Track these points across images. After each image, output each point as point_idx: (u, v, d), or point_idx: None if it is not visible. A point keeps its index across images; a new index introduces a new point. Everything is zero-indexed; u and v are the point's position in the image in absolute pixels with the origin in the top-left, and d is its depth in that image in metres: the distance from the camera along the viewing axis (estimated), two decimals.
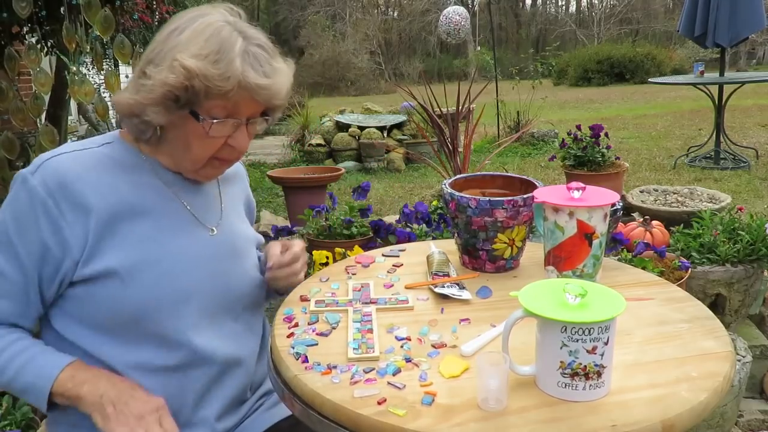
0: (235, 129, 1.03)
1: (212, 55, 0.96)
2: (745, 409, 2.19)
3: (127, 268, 1.00)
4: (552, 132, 8.16)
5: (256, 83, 0.98)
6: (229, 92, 0.97)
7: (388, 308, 1.10)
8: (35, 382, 0.98)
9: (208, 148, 1.04)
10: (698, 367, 0.87)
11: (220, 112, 1.00)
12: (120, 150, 1.08)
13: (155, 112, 0.99)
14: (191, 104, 0.99)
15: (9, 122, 2.44)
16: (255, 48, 1.00)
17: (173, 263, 1.03)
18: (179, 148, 1.05)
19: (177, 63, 0.95)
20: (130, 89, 1.02)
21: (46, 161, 1.00)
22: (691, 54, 18.96)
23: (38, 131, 2.41)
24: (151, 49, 1.01)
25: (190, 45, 0.97)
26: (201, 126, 1.00)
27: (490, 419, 0.77)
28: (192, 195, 1.11)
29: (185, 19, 1.02)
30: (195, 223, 1.10)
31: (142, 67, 1.01)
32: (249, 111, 1.03)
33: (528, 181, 1.29)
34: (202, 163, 1.06)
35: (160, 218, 1.05)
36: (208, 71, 0.95)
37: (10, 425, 1.69)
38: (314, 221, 2.74)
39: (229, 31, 0.98)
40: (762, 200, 4.84)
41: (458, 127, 3.85)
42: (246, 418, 1.18)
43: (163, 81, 0.96)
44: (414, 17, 27.59)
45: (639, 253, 2.22)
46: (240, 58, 0.97)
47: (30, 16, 2.25)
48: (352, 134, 7.51)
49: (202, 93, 0.97)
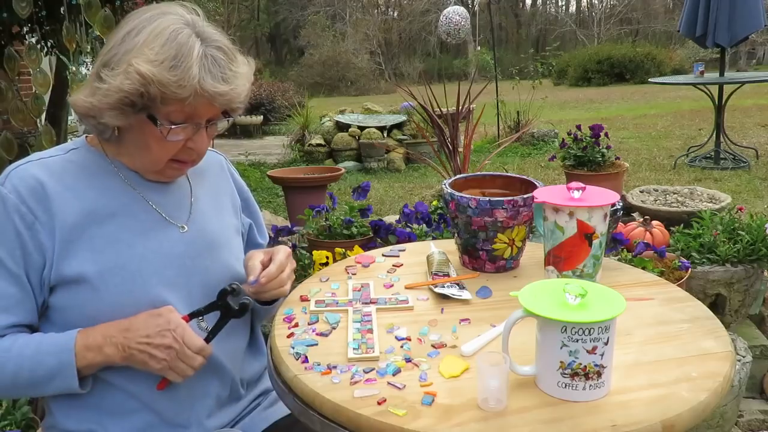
0: (194, 132, 1.03)
1: (168, 61, 0.94)
2: (745, 409, 2.19)
3: (96, 273, 1.00)
4: (552, 132, 8.16)
5: (214, 90, 0.97)
6: (186, 98, 0.96)
7: (388, 308, 1.10)
8: (59, 359, 0.97)
9: (167, 151, 1.03)
10: (698, 367, 0.87)
11: (179, 116, 0.99)
12: (85, 155, 1.08)
13: (111, 116, 0.98)
14: (148, 109, 0.98)
15: (9, 122, 2.44)
16: (213, 51, 0.98)
17: (143, 265, 1.03)
18: (138, 149, 1.05)
19: (132, 69, 0.93)
20: (86, 91, 1.01)
21: (13, 170, 1.01)
22: (691, 54, 18.96)
23: (38, 131, 2.41)
24: (107, 50, 0.99)
25: (145, 49, 0.94)
26: (158, 130, 0.99)
27: (490, 419, 0.77)
28: (159, 194, 1.11)
29: (142, 18, 0.99)
30: (163, 223, 1.09)
31: (98, 69, 0.99)
32: (208, 114, 1.03)
33: (528, 181, 1.29)
34: (162, 164, 1.05)
35: (126, 220, 1.05)
36: (164, 77, 0.93)
37: (10, 425, 1.69)
38: (314, 221, 2.74)
39: (187, 35, 0.96)
40: (762, 200, 4.84)
41: (458, 127, 3.85)
42: (244, 417, 1.19)
43: (118, 87, 0.95)
44: (414, 17, 27.59)
45: (639, 253, 2.22)
46: (197, 65, 0.95)
47: (30, 16, 2.25)
48: (352, 134, 7.51)
49: (158, 99, 0.96)
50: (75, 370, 0.98)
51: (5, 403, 1.75)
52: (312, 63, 22.09)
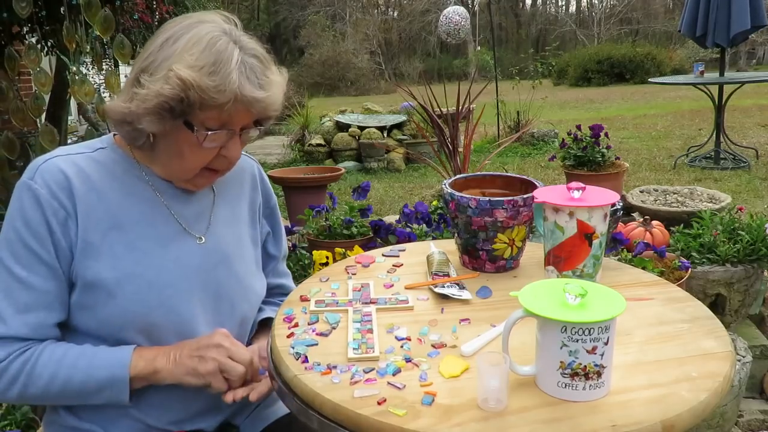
0: (228, 139, 1.02)
1: (208, 67, 0.94)
2: (745, 409, 2.19)
3: (113, 279, 1.00)
4: (552, 132, 8.16)
5: (252, 96, 0.97)
6: (225, 104, 0.96)
7: (388, 308, 1.10)
8: (112, 373, 0.99)
9: (202, 158, 1.03)
10: (698, 367, 0.87)
11: (214, 123, 0.99)
12: (112, 156, 1.07)
13: (149, 121, 0.97)
14: (185, 114, 0.97)
15: (9, 122, 2.44)
16: (251, 59, 0.99)
17: (160, 275, 1.03)
18: (172, 157, 1.04)
19: (173, 74, 0.93)
20: (123, 97, 1.01)
21: (42, 165, 1.00)
22: (691, 54, 18.96)
23: (38, 131, 2.41)
24: (145, 57, 0.99)
25: (185, 55, 0.95)
26: (195, 136, 0.99)
27: (490, 419, 0.77)
28: (182, 204, 1.10)
29: (179, 26, 0.99)
30: (183, 233, 1.09)
31: (136, 74, 0.99)
32: (243, 121, 1.03)
33: (528, 181, 1.29)
34: (194, 172, 1.05)
35: (147, 229, 1.05)
36: (203, 83, 0.94)
37: (10, 425, 1.69)
38: (314, 221, 2.75)
39: (226, 42, 0.97)
40: (762, 200, 4.84)
41: (458, 127, 3.85)
42: (244, 416, 1.19)
43: (158, 91, 0.94)
44: (414, 17, 27.59)
45: (639, 253, 2.22)
46: (237, 71, 0.96)
47: (30, 16, 2.25)
48: (352, 134, 7.51)
49: (197, 104, 0.96)
50: (127, 384, 0.99)
51: (5, 403, 1.75)
52: (312, 63, 22.09)
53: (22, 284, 0.97)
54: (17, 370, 0.97)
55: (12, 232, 0.98)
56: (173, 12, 4.23)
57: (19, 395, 0.98)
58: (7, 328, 0.96)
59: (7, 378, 0.97)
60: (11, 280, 0.97)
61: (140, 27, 3.80)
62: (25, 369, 0.97)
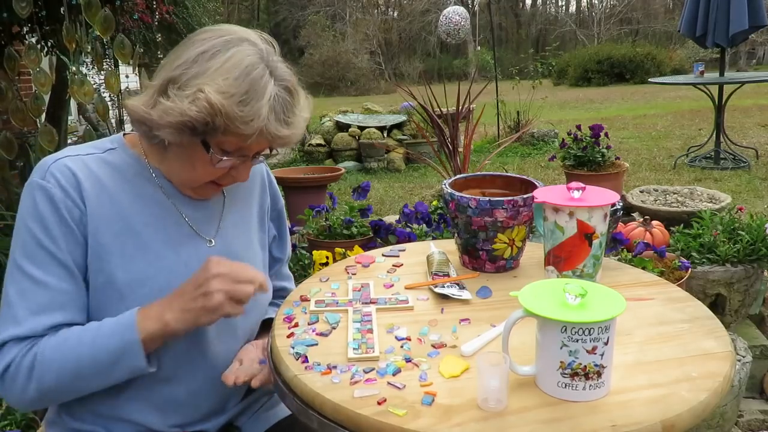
0: (240, 163, 1.02)
1: (239, 96, 0.92)
2: (745, 409, 2.19)
3: (124, 282, 0.99)
4: (552, 132, 8.16)
5: (277, 134, 0.96)
6: (249, 136, 0.95)
7: (388, 308, 1.10)
8: (122, 338, 0.94)
9: (210, 174, 1.02)
10: (698, 367, 0.87)
11: (231, 147, 0.98)
12: (123, 157, 1.06)
13: (167, 133, 0.95)
14: (206, 135, 0.96)
15: (9, 122, 2.44)
16: (282, 92, 0.97)
17: (170, 278, 1.02)
18: (182, 165, 1.03)
19: (203, 96, 0.91)
20: (145, 99, 0.98)
21: (52, 164, 0.99)
22: (691, 54, 18.97)
23: (38, 131, 2.41)
24: (176, 66, 0.96)
25: (219, 78, 0.92)
26: (209, 157, 0.98)
27: (490, 419, 0.77)
28: (193, 207, 1.10)
29: (217, 42, 0.96)
30: (193, 237, 1.08)
31: (163, 82, 0.96)
32: (258, 149, 1.03)
33: (528, 181, 1.29)
34: (200, 184, 1.05)
35: (158, 231, 1.04)
36: (232, 112, 0.91)
37: (10, 425, 1.69)
38: (314, 221, 2.75)
39: (262, 71, 0.94)
40: (762, 200, 4.84)
41: (458, 127, 3.85)
42: (246, 417, 1.19)
43: (183, 110, 0.92)
44: (414, 17, 27.59)
45: (639, 253, 2.22)
46: (267, 106, 0.94)
47: (30, 16, 2.25)
48: (352, 134, 7.51)
49: (220, 129, 0.94)
50: (140, 345, 0.94)
51: (5, 403, 1.75)
52: (312, 63, 22.08)
53: (38, 284, 0.95)
54: (29, 365, 0.94)
55: (26, 233, 0.96)
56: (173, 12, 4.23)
57: (37, 391, 0.94)
58: (22, 328, 0.94)
59: (22, 376, 0.94)
60: (26, 281, 0.95)
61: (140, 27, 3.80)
62: (36, 361, 0.93)
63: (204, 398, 1.10)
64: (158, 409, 1.06)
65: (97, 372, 0.95)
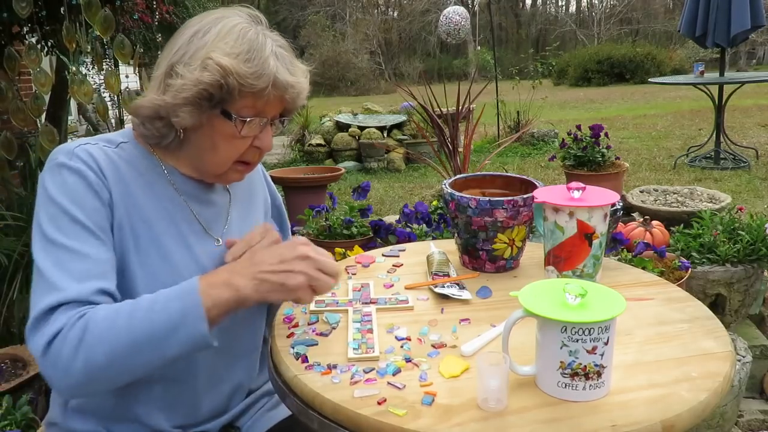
0: (261, 129, 1.03)
1: (244, 54, 0.95)
2: (745, 409, 2.19)
3: (137, 274, 0.99)
4: (552, 132, 8.16)
5: (287, 81, 0.98)
6: (263, 90, 0.97)
7: (388, 308, 1.10)
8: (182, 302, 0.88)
9: (235, 150, 1.03)
10: (698, 367, 0.87)
11: (250, 112, 1.00)
12: (135, 152, 1.06)
13: (186, 112, 0.96)
14: (223, 103, 0.98)
15: (9, 122, 2.44)
16: (279, 49, 1.00)
17: (182, 275, 1.00)
18: (204, 150, 1.03)
19: (211, 61, 0.94)
20: (154, 91, 1.00)
21: (76, 148, 0.99)
22: (691, 54, 18.97)
23: (38, 131, 2.41)
24: (174, 51, 0.99)
25: (220, 44, 0.96)
26: (232, 125, 0.99)
27: (490, 419, 0.77)
28: (202, 204, 1.10)
29: (206, 21, 1.00)
30: (203, 234, 1.08)
31: (167, 68, 0.98)
32: (275, 110, 1.04)
33: (528, 181, 1.29)
34: (227, 166, 1.05)
35: (170, 226, 1.04)
36: (241, 69, 0.95)
37: (10, 425, 1.69)
38: (314, 221, 2.75)
39: (255, 32, 0.98)
40: (762, 200, 4.84)
41: (458, 127, 3.85)
42: (247, 417, 1.19)
43: (197, 79, 0.94)
44: (414, 17, 27.60)
45: (639, 253, 2.22)
46: (272, 57, 0.97)
47: (30, 16, 2.24)
48: (352, 134, 7.51)
49: (235, 91, 0.96)
50: (203, 311, 0.88)
51: (5, 403, 1.75)
52: (312, 63, 22.04)
53: (75, 254, 0.91)
54: (77, 336, 0.85)
55: (55, 209, 0.93)
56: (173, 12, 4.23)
57: (84, 368, 0.85)
58: (65, 294, 0.88)
59: (68, 349, 0.85)
60: (62, 252, 0.91)
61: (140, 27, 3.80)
62: (86, 332, 0.86)
63: (208, 399, 1.10)
64: (162, 410, 1.06)
65: (154, 340, 0.87)
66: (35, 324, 0.87)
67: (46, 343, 0.86)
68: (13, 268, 2.28)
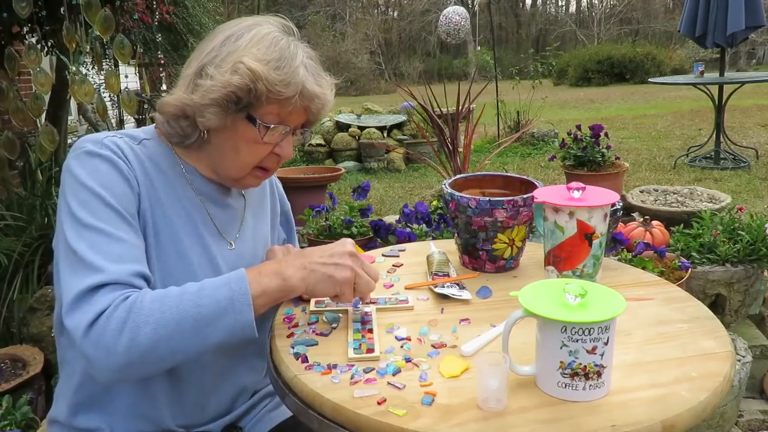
0: (283, 138, 1.04)
1: (274, 62, 0.97)
2: (745, 409, 2.19)
3: (154, 268, 0.99)
4: (552, 132, 8.16)
5: (314, 91, 1.00)
6: (290, 99, 0.98)
7: (388, 308, 1.09)
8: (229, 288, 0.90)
9: (256, 155, 1.04)
10: (698, 367, 0.87)
11: (274, 119, 1.01)
12: (158, 149, 1.07)
13: (212, 113, 0.98)
14: (250, 107, 0.99)
15: (9, 122, 2.44)
16: (308, 60, 1.02)
17: (196, 275, 1.02)
18: (226, 152, 1.04)
19: (242, 65, 0.95)
20: (182, 89, 1.01)
21: (104, 139, 1.00)
22: (691, 54, 18.98)
23: (38, 131, 2.41)
24: (206, 53, 1.01)
25: (252, 50, 0.97)
26: (255, 130, 1.00)
27: (490, 419, 0.77)
28: (219, 207, 1.11)
29: (240, 26, 1.02)
30: (218, 237, 1.09)
31: (198, 69, 1.00)
32: (298, 120, 1.05)
33: (528, 181, 1.29)
34: (247, 170, 1.06)
35: (187, 226, 1.05)
36: (271, 76, 0.96)
37: (10, 425, 1.69)
38: (314, 221, 2.75)
39: (287, 42, 1.01)
40: (762, 200, 4.84)
41: (458, 127, 3.85)
42: (249, 417, 1.19)
43: (226, 81, 0.96)
44: (414, 17, 27.60)
45: (639, 253, 2.22)
46: (302, 67, 0.99)
47: (30, 16, 2.25)
48: (352, 134, 7.51)
49: (263, 96, 0.97)
50: (250, 298, 0.90)
51: (5, 403, 1.75)
52: None
53: (110, 237, 0.92)
54: (122, 316, 0.85)
55: (87, 193, 0.94)
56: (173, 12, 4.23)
57: (128, 345, 0.84)
58: (106, 275, 0.88)
59: (114, 325, 0.84)
60: (97, 236, 0.91)
61: (140, 27, 3.80)
62: (132, 312, 0.86)
63: (214, 399, 1.11)
64: (168, 408, 1.06)
65: (199, 325, 0.87)
66: (76, 303, 0.87)
67: (90, 322, 0.85)
68: (12, 268, 2.28)
